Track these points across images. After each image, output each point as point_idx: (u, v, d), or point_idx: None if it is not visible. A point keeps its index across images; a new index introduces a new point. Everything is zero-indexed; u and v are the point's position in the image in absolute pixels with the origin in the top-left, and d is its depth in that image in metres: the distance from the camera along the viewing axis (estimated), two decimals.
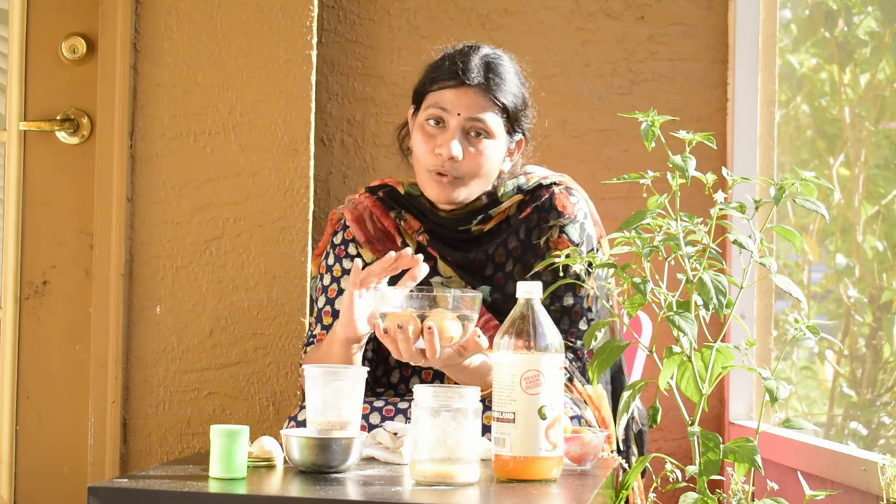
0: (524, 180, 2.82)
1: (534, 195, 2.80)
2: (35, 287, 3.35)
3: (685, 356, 2.23)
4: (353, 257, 2.83)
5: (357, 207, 2.86)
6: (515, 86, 2.77)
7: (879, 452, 2.83)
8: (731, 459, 2.21)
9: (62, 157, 3.36)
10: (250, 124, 3.30)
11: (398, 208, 2.84)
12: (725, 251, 3.35)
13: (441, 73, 2.75)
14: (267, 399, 3.28)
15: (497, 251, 2.78)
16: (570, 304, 2.73)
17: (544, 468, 2.20)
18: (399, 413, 2.59)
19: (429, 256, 2.78)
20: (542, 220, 2.78)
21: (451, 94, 2.73)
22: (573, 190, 2.82)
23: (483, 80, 2.72)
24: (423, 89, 2.79)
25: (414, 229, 2.81)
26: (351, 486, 2.13)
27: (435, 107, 2.74)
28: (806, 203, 2.25)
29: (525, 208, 2.80)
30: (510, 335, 2.22)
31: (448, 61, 2.76)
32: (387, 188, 2.88)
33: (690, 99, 3.49)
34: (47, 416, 3.33)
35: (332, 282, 2.84)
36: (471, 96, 2.72)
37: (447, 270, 2.79)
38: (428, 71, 2.80)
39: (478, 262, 2.78)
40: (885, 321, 3.94)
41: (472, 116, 2.72)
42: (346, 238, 2.85)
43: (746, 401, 3.43)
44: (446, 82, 2.74)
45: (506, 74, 2.76)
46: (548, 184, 2.81)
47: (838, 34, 3.99)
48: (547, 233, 2.77)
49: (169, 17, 3.30)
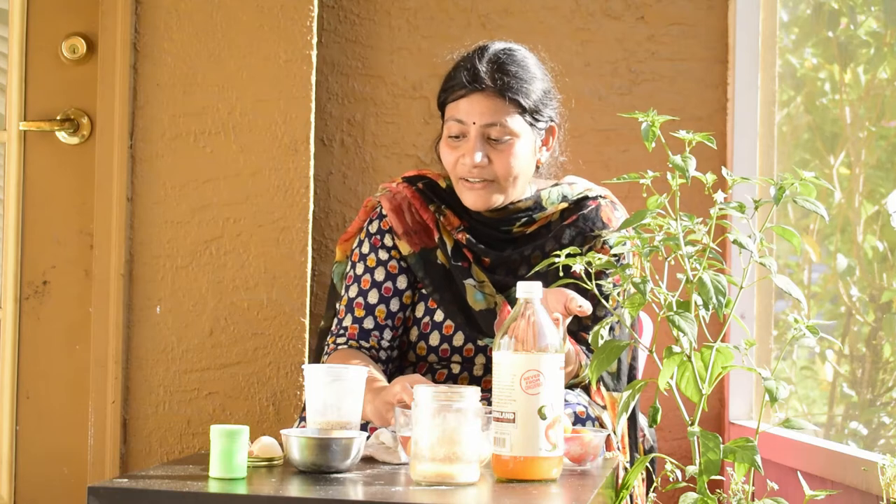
0: (568, 189, 2.82)
1: (578, 205, 2.81)
2: (35, 287, 3.35)
3: (685, 356, 2.23)
4: (389, 248, 2.81)
5: (395, 197, 2.83)
6: (530, 78, 2.73)
7: (879, 452, 2.83)
8: (731, 459, 2.21)
9: (62, 157, 3.36)
10: (250, 124, 3.30)
11: (437, 202, 2.82)
12: (725, 251, 3.35)
13: (453, 82, 2.74)
14: (267, 399, 3.28)
15: (534, 253, 2.78)
16: (601, 315, 2.74)
17: (544, 468, 2.20)
18: None
19: (463, 258, 2.78)
20: (588, 230, 2.78)
21: (465, 103, 2.71)
22: (617, 205, 2.83)
23: (492, 82, 2.69)
24: (442, 101, 2.78)
25: (454, 226, 2.80)
26: (351, 486, 2.13)
27: (452, 119, 2.72)
28: (805, 203, 2.25)
29: (569, 216, 2.80)
30: (510, 335, 2.22)
31: (458, 69, 2.75)
32: (426, 180, 2.86)
33: (690, 99, 3.49)
34: (47, 416, 3.33)
35: (365, 272, 2.81)
36: (483, 102, 2.70)
37: (480, 275, 2.77)
38: (444, 81, 2.79)
39: (512, 262, 2.78)
40: (886, 321, 3.94)
41: (487, 122, 2.70)
42: (382, 227, 2.83)
43: (746, 401, 3.43)
44: (458, 91, 2.72)
45: (516, 69, 2.72)
46: (593, 196, 2.82)
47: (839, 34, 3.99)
48: (591, 242, 2.77)
49: (169, 17, 3.30)
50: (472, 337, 2.76)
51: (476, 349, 2.77)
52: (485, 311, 2.75)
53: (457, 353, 2.77)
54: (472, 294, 2.76)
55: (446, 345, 2.78)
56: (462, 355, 2.77)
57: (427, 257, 2.79)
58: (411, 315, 2.81)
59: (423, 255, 2.79)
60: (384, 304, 2.79)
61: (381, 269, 2.81)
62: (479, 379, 2.77)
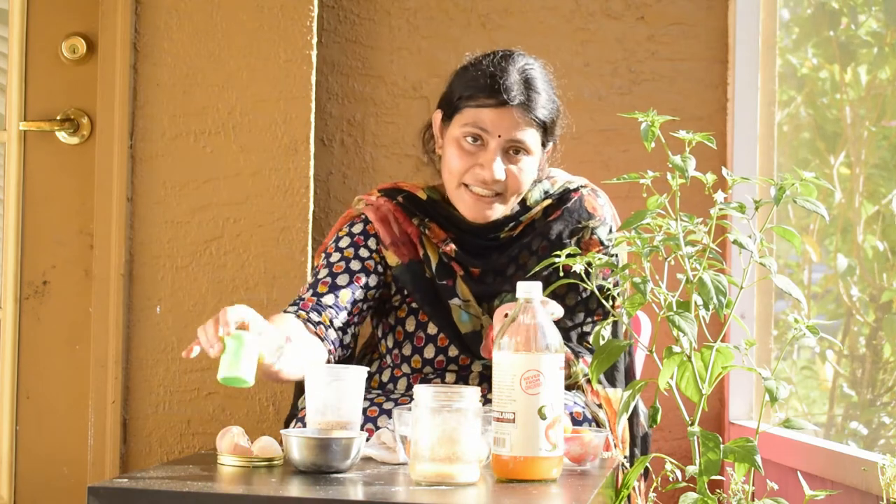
0: (549, 185, 2.80)
1: (561, 198, 2.79)
2: (35, 287, 3.35)
3: (685, 356, 2.23)
4: (371, 250, 2.74)
5: (380, 209, 2.77)
6: (550, 97, 2.71)
7: (879, 452, 2.83)
8: (731, 459, 2.21)
9: (62, 157, 3.36)
10: (250, 124, 3.30)
11: (420, 216, 2.77)
12: (725, 251, 3.35)
13: (479, 88, 2.66)
14: (267, 399, 3.28)
15: (521, 253, 2.76)
16: (593, 308, 2.74)
17: (544, 468, 2.20)
18: (383, 413, 2.59)
19: (448, 274, 2.74)
20: (574, 221, 2.77)
21: (492, 113, 2.65)
22: (599, 192, 2.82)
23: (524, 98, 2.65)
24: (458, 102, 2.69)
25: (440, 238, 2.75)
26: (351, 486, 2.13)
27: (474, 125, 2.66)
28: (806, 203, 2.25)
29: (553, 211, 2.78)
30: (510, 335, 2.22)
31: (486, 75, 2.67)
32: (405, 193, 2.80)
33: (690, 99, 3.49)
34: (47, 416, 3.33)
35: (340, 259, 2.73)
36: (512, 117, 2.65)
37: (465, 292, 2.74)
38: (462, 80, 2.71)
39: (500, 265, 2.76)
40: (886, 321, 3.94)
41: (513, 137, 2.66)
42: (367, 230, 2.76)
43: (746, 401, 3.43)
44: (486, 100, 2.65)
45: (542, 87, 2.69)
46: (574, 187, 2.80)
47: (840, 34, 3.99)
48: (578, 233, 2.76)
49: (169, 17, 3.30)
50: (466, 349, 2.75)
51: (472, 359, 2.75)
52: (470, 333, 2.72)
53: (453, 363, 2.76)
54: (459, 315, 2.72)
55: (442, 356, 2.75)
56: (458, 364, 2.76)
57: (415, 269, 2.73)
58: (401, 329, 2.80)
59: (412, 268, 2.74)
60: (350, 289, 2.70)
61: (356, 262, 2.73)
62: None
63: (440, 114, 2.75)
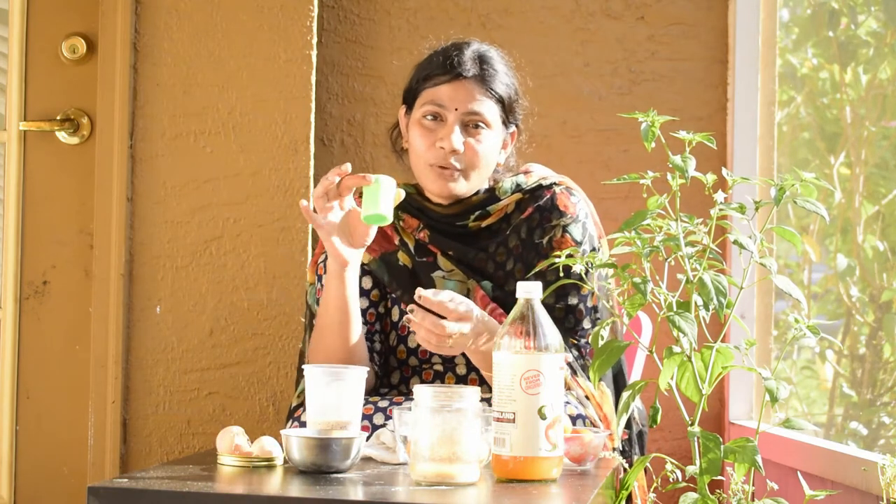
0: (524, 178, 2.82)
1: (534, 195, 2.80)
2: (35, 287, 3.35)
3: (685, 356, 2.23)
4: None
5: None
6: (508, 77, 2.77)
7: (879, 452, 2.83)
8: (731, 459, 2.21)
9: (62, 157, 3.36)
10: (250, 124, 3.30)
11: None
12: (725, 251, 3.35)
13: (434, 68, 2.75)
14: (267, 399, 3.28)
15: (498, 250, 2.78)
16: (574, 304, 2.73)
17: (544, 468, 2.20)
18: (378, 411, 2.59)
19: (429, 253, 2.78)
20: (545, 220, 2.77)
21: (448, 88, 2.72)
22: (574, 190, 2.82)
23: (478, 71, 2.73)
24: (417, 87, 2.77)
25: (413, 227, 2.80)
26: (351, 486, 2.13)
27: (431, 103, 2.73)
28: (806, 204, 2.25)
29: (526, 207, 2.79)
30: (510, 335, 2.22)
31: (440, 56, 2.76)
32: None
33: (690, 99, 3.49)
34: (47, 416, 3.33)
35: None
36: (467, 89, 2.72)
37: (447, 264, 2.78)
38: (419, 69, 2.79)
39: (478, 261, 2.78)
40: (886, 321, 3.94)
41: (469, 110, 2.71)
42: None
43: (746, 401, 3.43)
44: (441, 77, 2.73)
45: (498, 66, 2.76)
46: (548, 184, 2.81)
47: (840, 34, 3.99)
48: (550, 232, 2.76)
49: (169, 17, 3.30)
50: None
51: None
52: None
53: (435, 354, 2.77)
54: (443, 286, 2.74)
55: None
56: (441, 355, 2.77)
57: (389, 260, 2.79)
58: (388, 319, 2.81)
59: (385, 259, 2.79)
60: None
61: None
62: (464, 378, 2.76)
63: (404, 108, 2.82)
